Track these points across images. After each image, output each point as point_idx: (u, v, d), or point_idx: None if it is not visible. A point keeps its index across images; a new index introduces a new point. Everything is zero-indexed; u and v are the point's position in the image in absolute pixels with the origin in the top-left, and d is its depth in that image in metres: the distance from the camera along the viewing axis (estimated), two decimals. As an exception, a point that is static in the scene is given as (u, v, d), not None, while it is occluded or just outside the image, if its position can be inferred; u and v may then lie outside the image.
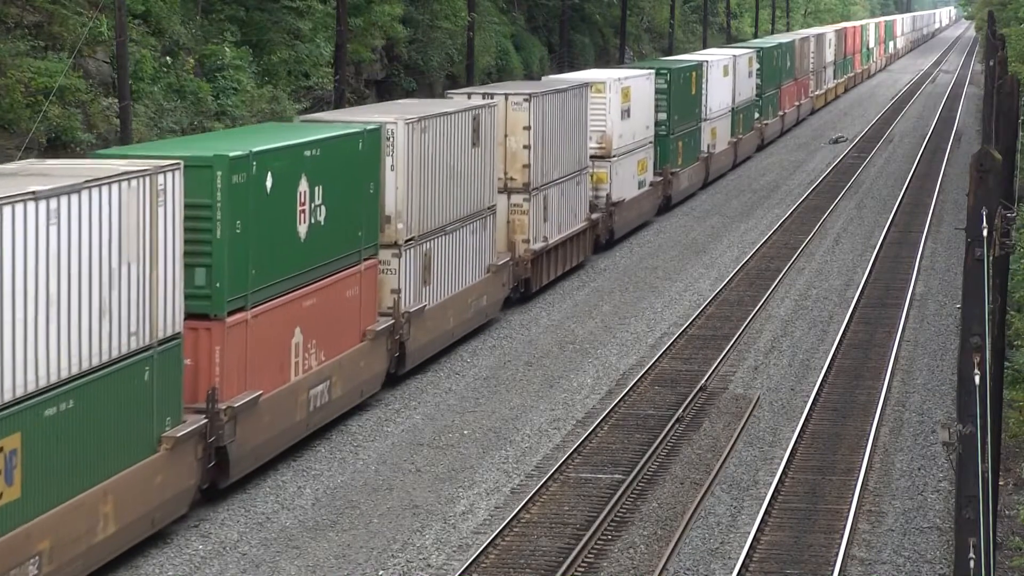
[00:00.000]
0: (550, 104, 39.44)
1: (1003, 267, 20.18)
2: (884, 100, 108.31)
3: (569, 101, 41.50)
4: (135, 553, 21.84)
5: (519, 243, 38.20)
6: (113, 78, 37.59)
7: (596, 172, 45.48)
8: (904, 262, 45.85)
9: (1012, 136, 29.92)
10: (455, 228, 33.14)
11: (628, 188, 48.38)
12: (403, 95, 53.89)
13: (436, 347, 32.68)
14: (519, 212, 38.11)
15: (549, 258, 40.33)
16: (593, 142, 45.12)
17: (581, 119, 42.89)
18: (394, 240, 30.17)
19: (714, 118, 62.45)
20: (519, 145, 37.85)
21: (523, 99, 37.89)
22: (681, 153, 56.12)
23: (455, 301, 33.35)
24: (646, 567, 22.09)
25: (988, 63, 70.94)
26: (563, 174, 40.94)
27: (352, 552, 22.49)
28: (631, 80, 48.41)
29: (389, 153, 29.93)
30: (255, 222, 24.17)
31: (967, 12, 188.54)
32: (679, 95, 55.31)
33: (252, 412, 24.17)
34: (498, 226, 36.82)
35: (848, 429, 28.88)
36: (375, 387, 29.71)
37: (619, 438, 28.09)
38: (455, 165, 32.93)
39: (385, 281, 30.05)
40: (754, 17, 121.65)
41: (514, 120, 37.80)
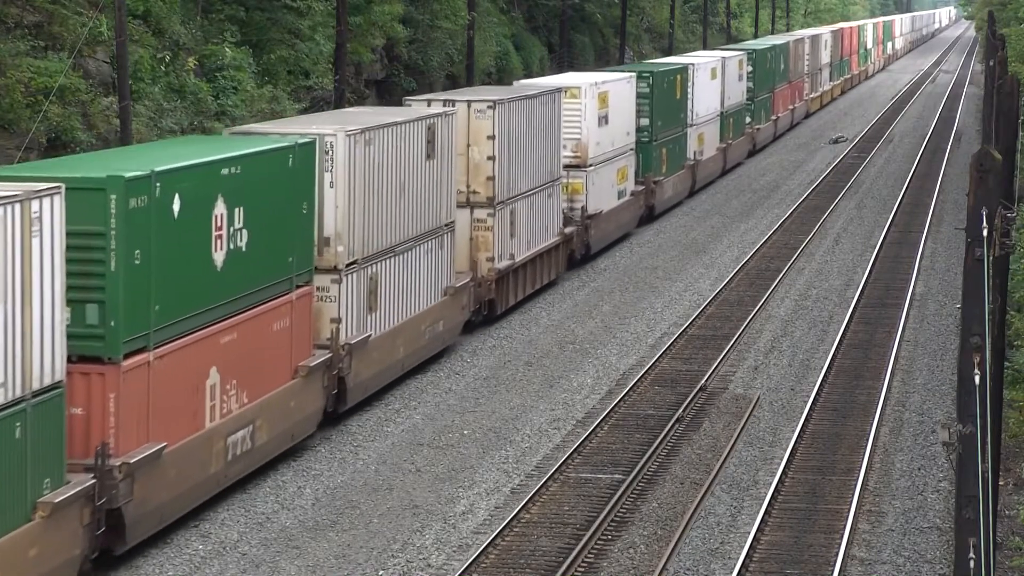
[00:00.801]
0: (517, 111, 36.97)
1: (1003, 267, 20.18)
2: (884, 100, 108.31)
3: (539, 107, 38.93)
4: (135, 553, 21.84)
5: (483, 261, 35.56)
6: (113, 78, 37.60)
7: (571, 183, 42.99)
8: (904, 262, 45.86)
9: (1012, 136, 29.93)
10: (406, 249, 30.58)
11: (606, 199, 45.83)
12: (403, 95, 53.87)
13: (384, 380, 30.10)
14: (483, 228, 35.51)
15: (516, 277, 37.67)
16: (567, 151, 42.75)
17: (553, 127, 40.32)
18: (333, 264, 27.58)
19: (701, 123, 59.89)
20: (483, 156, 35.28)
21: (487, 106, 35.29)
22: (665, 160, 53.61)
23: (406, 329, 30.73)
24: (646, 567, 22.09)
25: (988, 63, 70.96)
26: (533, 186, 38.45)
27: (352, 552, 22.49)
28: (609, 84, 45.99)
29: (328, 168, 27.44)
30: (159, 251, 21.50)
31: (967, 12, 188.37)
32: (663, 99, 52.75)
33: (154, 467, 21.42)
34: (459, 244, 34.46)
35: (848, 429, 28.88)
36: (309, 428, 27.01)
37: (619, 438, 28.09)
38: (406, 180, 30.45)
39: (323, 310, 27.46)
40: (754, 17, 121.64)
41: (477, 129, 35.25)
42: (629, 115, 48.48)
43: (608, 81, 46.12)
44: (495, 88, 46.57)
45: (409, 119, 30.89)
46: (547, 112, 39.70)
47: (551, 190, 40.27)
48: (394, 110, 35.18)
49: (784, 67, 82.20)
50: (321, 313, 27.41)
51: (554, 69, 71.81)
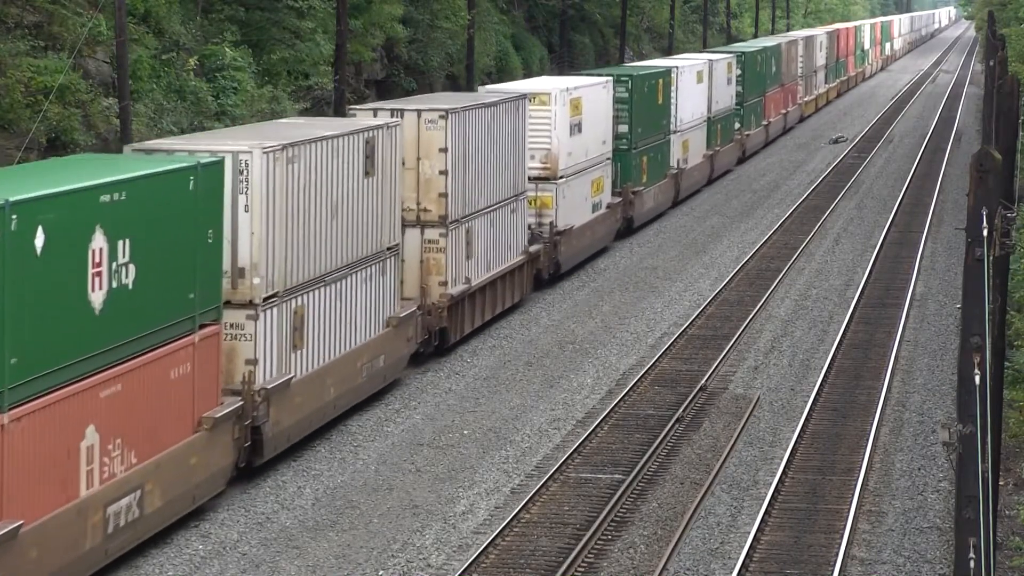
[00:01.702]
0: (475, 120, 34.15)
1: (1003, 267, 20.19)
2: (884, 100, 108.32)
3: (501, 116, 36.07)
4: (135, 553, 21.84)
5: (434, 286, 32.68)
6: (113, 78, 37.62)
7: (539, 196, 40.23)
8: (904, 262, 45.86)
9: (1012, 136, 29.96)
10: (339, 277, 27.67)
11: (579, 213, 42.87)
12: (403, 95, 53.90)
13: (311, 425, 27.03)
14: (434, 249, 32.62)
15: (473, 302, 34.74)
16: (536, 162, 39.98)
17: (517, 136, 37.40)
18: (249, 298, 24.57)
19: (686, 129, 57.10)
20: (434, 170, 32.49)
21: (438, 116, 32.42)
22: (646, 170, 50.75)
23: (339, 367, 27.73)
24: (646, 567, 22.10)
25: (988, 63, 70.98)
26: (493, 202, 35.58)
27: (352, 552, 22.50)
28: (583, 90, 43.05)
29: (243, 190, 24.52)
30: (15, 294, 18.50)
31: (967, 12, 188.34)
32: (643, 105, 49.85)
33: (7, 550, 18.42)
34: (408, 267, 32.21)
35: (848, 429, 28.88)
36: (215, 487, 23.84)
37: (619, 438, 28.10)
38: (339, 200, 27.56)
39: (237, 350, 24.47)
40: (754, 17, 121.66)
41: (428, 141, 32.42)
42: (605, 122, 45.81)
43: (581, 86, 43.38)
44: (452, 95, 43.14)
45: (342, 132, 27.84)
46: (511, 121, 36.95)
47: (515, 205, 37.46)
48: (332, 122, 32.20)
49: (776, 70, 79.46)
50: (234, 354, 24.46)
51: (554, 69, 71.85)
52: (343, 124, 29.47)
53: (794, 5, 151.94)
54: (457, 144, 32.97)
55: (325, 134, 27.13)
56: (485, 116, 34.95)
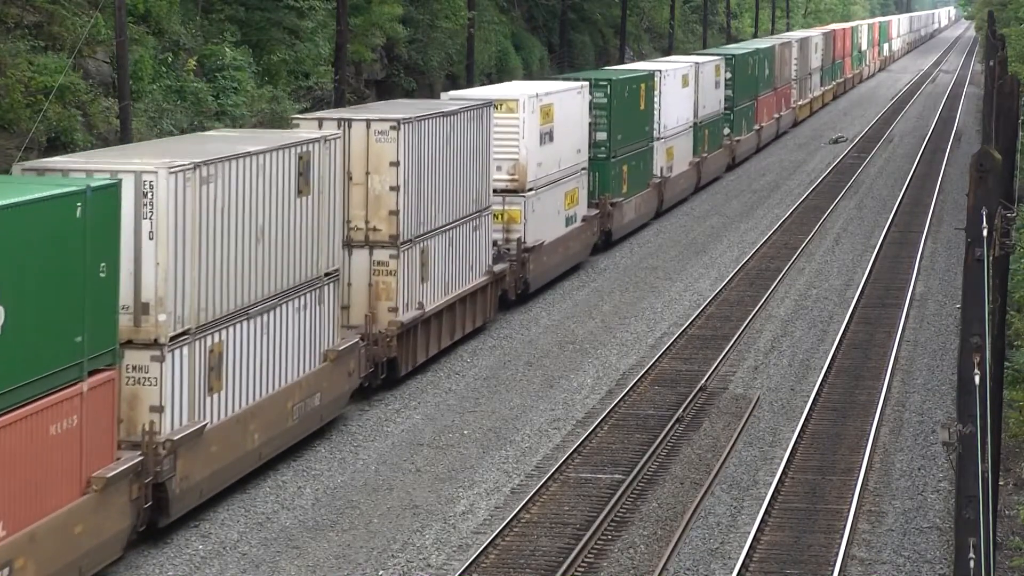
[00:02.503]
0: (430, 131, 31.67)
1: (1003, 267, 20.19)
2: (884, 100, 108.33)
3: (462, 125, 33.57)
4: (135, 553, 21.84)
5: (383, 313, 30.08)
6: (113, 78, 37.63)
7: (507, 210, 37.73)
8: (904, 262, 45.86)
9: (1012, 136, 29.96)
10: (266, 308, 24.95)
11: (550, 227, 40.27)
12: (403, 95, 53.95)
13: (229, 477, 24.21)
14: (384, 272, 30.10)
15: (427, 329, 32.11)
16: (503, 173, 37.60)
17: (481, 147, 34.82)
18: (154, 337, 21.87)
19: (671, 136, 54.32)
20: (385, 186, 29.94)
21: (389, 126, 29.94)
22: (626, 179, 48.10)
23: (264, 410, 24.96)
24: (646, 567, 22.10)
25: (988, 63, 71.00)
26: (452, 219, 33.12)
27: (352, 552, 22.50)
28: (555, 96, 40.41)
29: (147, 215, 21.83)
30: None
31: (967, 12, 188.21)
32: (623, 111, 47.21)
33: None
34: (355, 292, 29.90)
35: (848, 429, 28.89)
36: (108, 555, 21.07)
37: (619, 438, 28.10)
38: (267, 223, 24.86)
39: (139, 397, 21.79)
40: (754, 17, 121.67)
41: (378, 153, 29.91)
42: (580, 130, 43.23)
43: (553, 92, 40.65)
44: (410, 103, 40.22)
45: (269, 148, 24.96)
46: (473, 130, 34.36)
47: (477, 222, 34.85)
48: (263, 135, 28.48)
49: (769, 72, 76.70)
50: (137, 401, 21.79)
51: (554, 69, 71.85)
52: (273, 138, 26.54)
53: (794, 5, 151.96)
54: (411, 157, 30.53)
55: (248, 150, 24.34)
56: (443, 126, 32.49)
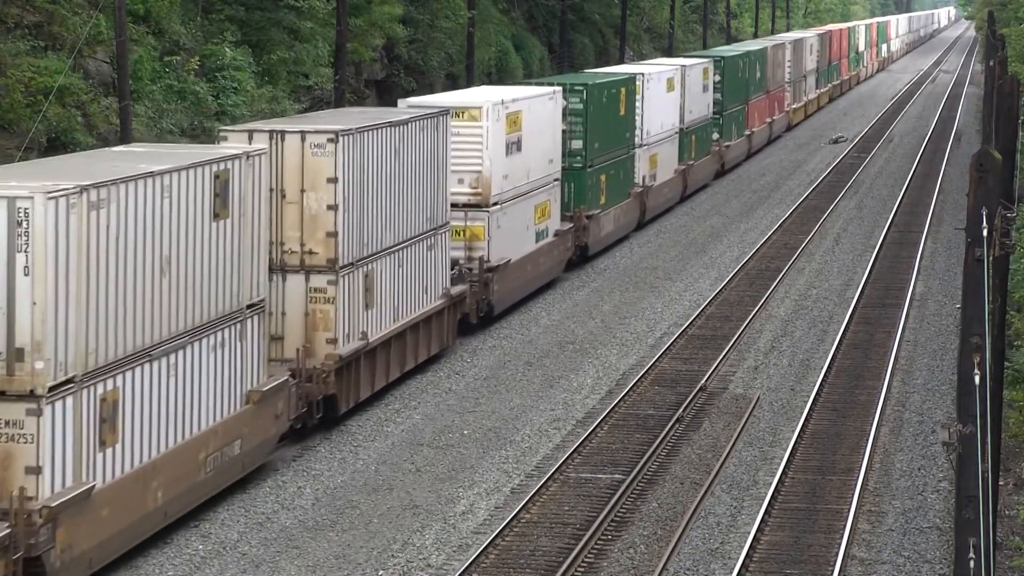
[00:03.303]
0: (376, 143, 29.01)
1: (1003, 267, 20.19)
2: (884, 100, 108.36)
3: (414, 135, 30.89)
4: (135, 553, 21.85)
5: (320, 345, 27.30)
6: (113, 78, 37.67)
7: (469, 227, 35.07)
8: (904, 262, 45.87)
9: (1012, 136, 29.94)
10: (173, 348, 22.03)
11: (518, 243, 37.48)
12: (403, 95, 53.94)
13: (129, 541, 21.42)
14: (321, 300, 27.29)
15: (372, 361, 29.25)
16: (465, 186, 35.00)
17: (437, 159, 32.21)
18: (30, 388, 19.17)
19: (654, 143, 51.56)
20: (321, 205, 27.22)
21: (326, 139, 27.22)
22: (604, 189, 45.39)
23: (171, 463, 22.07)
24: (646, 567, 22.10)
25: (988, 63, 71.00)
26: (403, 238, 30.43)
27: (352, 552, 22.50)
28: (523, 102, 37.77)
29: (22, 247, 19.19)
30: None
31: (967, 12, 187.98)
32: (601, 117, 44.54)
33: None
34: (290, 323, 27.17)
35: (848, 429, 28.89)
36: None
37: (619, 438, 28.10)
38: (175, 252, 21.98)
39: (13, 456, 19.12)
40: (754, 17, 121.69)
41: (315, 169, 27.20)
42: (553, 138, 40.62)
43: (522, 98, 37.95)
44: (357, 112, 36.67)
45: (177, 167, 22.10)
46: (428, 140, 31.66)
47: (432, 240, 32.10)
48: (177, 152, 25.44)
49: (761, 75, 73.94)
50: (9, 461, 19.14)
51: (554, 69, 71.88)
52: (186, 156, 23.49)
53: (794, 5, 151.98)
54: (352, 172, 27.88)
55: (151, 170, 21.57)
56: (391, 137, 29.76)
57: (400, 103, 36.42)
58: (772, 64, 77.19)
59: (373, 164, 28.90)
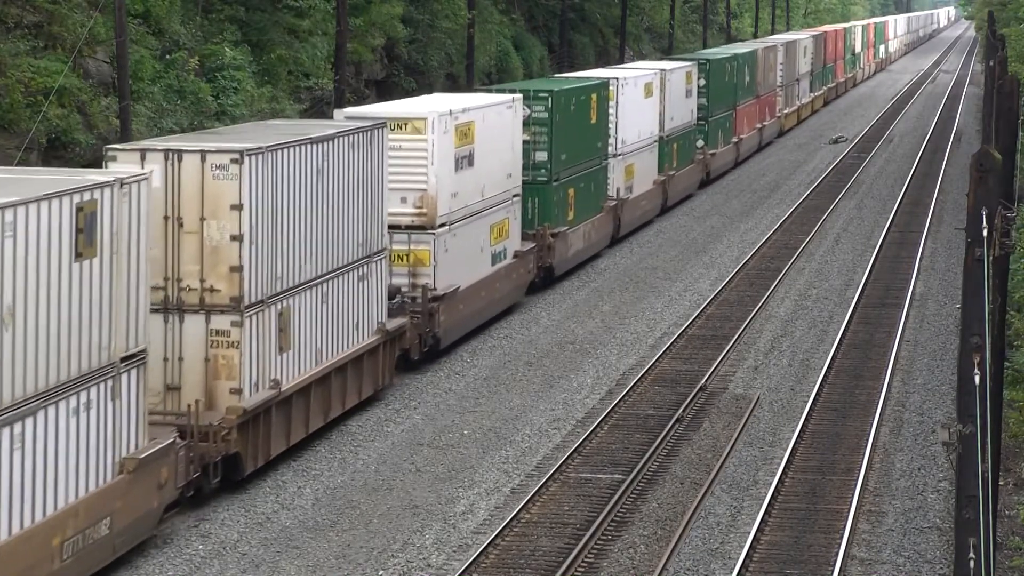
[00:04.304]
0: (292, 162, 25.70)
1: (1003, 267, 20.19)
2: (884, 101, 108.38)
3: (340, 152, 27.63)
4: (135, 553, 21.85)
5: (223, 396, 24.12)
6: (113, 78, 37.67)
7: (413, 251, 31.92)
8: (904, 262, 45.88)
9: (1012, 136, 29.94)
10: (17, 417, 18.67)
11: (470, 268, 34.27)
12: (403, 95, 53.94)
13: None
14: (224, 344, 24.15)
15: (286, 411, 25.79)
16: (408, 206, 31.82)
17: (371, 177, 29.01)
18: None
19: (631, 152, 48.56)
20: (224, 235, 24.04)
21: (230, 159, 24.01)
22: (573, 204, 42.25)
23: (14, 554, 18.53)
24: (646, 567, 22.10)
25: (988, 63, 70.99)
26: (327, 269, 27.24)
27: (352, 552, 22.50)
28: (476, 112, 34.51)
29: None
30: None
31: (967, 12, 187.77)
32: (568, 125, 41.43)
33: None
34: (189, 370, 23.92)
35: (848, 429, 28.89)
36: None
37: (619, 438, 28.10)
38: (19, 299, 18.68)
39: None
40: (754, 17, 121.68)
41: (216, 194, 24.02)
42: (512, 150, 37.28)
43: (474, 108, 34.60)
44: (275, 126, 31.54)
45: (25, 199, 18.74)
46: (359, 157, 28.47)
47: (365, 269, 28.88)
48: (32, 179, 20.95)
49: (750, 79, 71.11)
50: None
51: (554, 69, 71.87)
52: (41, 184, 19.94)
53: (794, 5, 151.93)
54: (262, 196, 24.63)
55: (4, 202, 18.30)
56: (312, 154, 26.53)
57: (337, 114, 33.40)
58: (763, 67, 74.45)
59: (290, 186, 25.63)
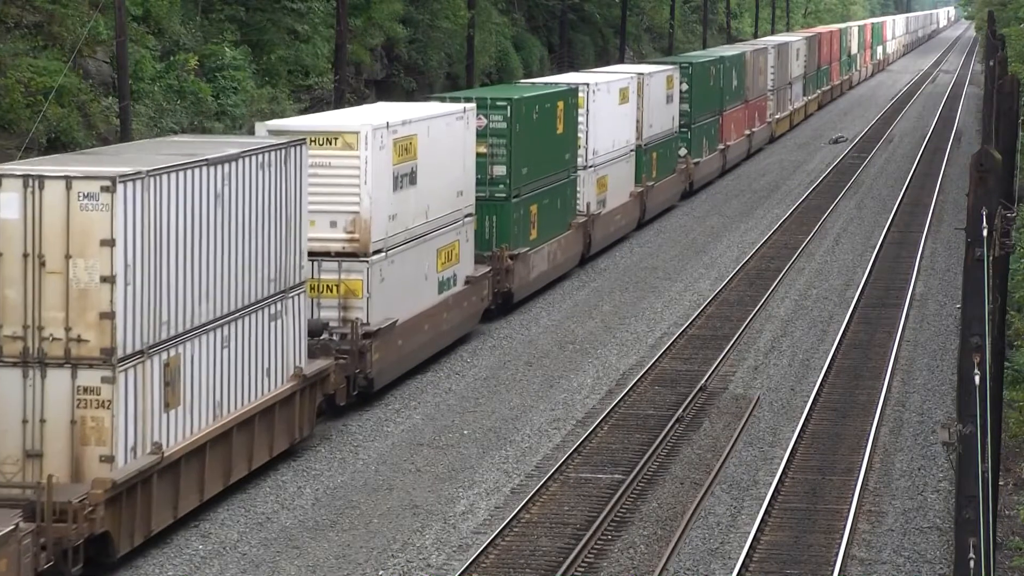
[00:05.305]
0: (182, 187, 22.15)
1: (1003, 267, 20.19)
2: (884, 101, 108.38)
3: (247, 174, 23.99)
4: (135, 553, 21.84)
5: (91, 465, 20.73)
6: (113, 78, 37.68)
7: (344, 281, 28.53)
8: (904, 262, 45.87)
9: (1012, 136, 29.93)
10: None
11: (412, 298, 30.89)
12: (403, 95, 53.98)
13: None
14: (93, 404, 20.71)
15: (172, 478, 22.33)
16: (338, 231, 28.57)
17: (287, 202, 25.48)
18: None
19: (603, 163, 45.09)
20: (93, 276, 20.66)
21: (100, 187, 20.61)
22: (536, 222, 38.75)
23: None
24: (646, 567, 22.10)
25: (988, 63, 70.96)
26: (229, 310, 23.64)
27: (352, 552, 22.50)
28: (419, 124, 31.06)
29: None
30: None
31: (967, 12, 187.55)
32: (531, 136, 38.02)
33: None
34: (52, 434, 20.61)
35: (848, 429, 28.89)
36: None
37: (619, 438, 28.10)
38: None
39: None
40: (754, 17, 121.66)
41: (83, 228, 20.64)
42: (463, 165, 33.95)
43: (417, 120, 31.14)
44: (171, 143, 27.41)
45: None
46: (270, 179, 24.87)
47: (279, 307, 25.35)
48: None
49: (738, 83, 67.83)
50: None
51: (554, 69, 71.84)
52: None
53: (794, 5, 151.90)
54: (141, 229, 21.18)
55: None
56: (207, 178, 22.86)
57: (259, 127, 29.56)
58: (752, 70, 71.20)
59: (179, 216, 22.11)
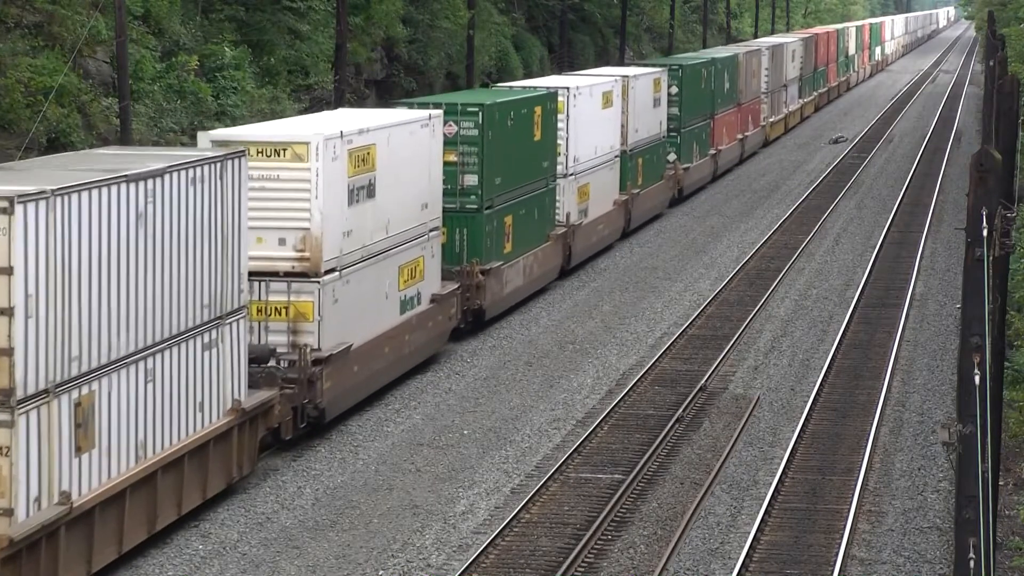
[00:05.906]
0: (94, 208, 19.95)
1: (1003, 267, 20.19)
2: (884, 101, 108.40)
3: (175, 191, 21.91)
4: (135, 553, 21.85)
5: None
6: (113, 78, 37.68)
7: (293, 303, 26.37)
8: (904, 262, 45.88)
9: (1012, 136, 29.93)
10: None
11: (370, 320, 28.80)
12: (403, 95, 53.97)
13: None
14: None
15: (86, 530, 20.14)
16: (287, 249, 26.45)
17: (223, 220, 23.39)
18: None
19: (585, 171, 42.99)
20: None
21: None
22: (510, 234, 36.74)
23: None
24: (646, 567, 22.10)
25: (988, 63, 70.96)
26: (154, 341, 21.56)
27: (352, 552, 22.50)
28: (378, 133, 28.99)
29: None
30: None
31: (967, 12, 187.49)
32: (505, 144, 35.98)
33: None
34: None
35: (848, 429, 28.89)
36: None
37: (619, 438, 28.10)
38: None
39: None
40: (754, 17, 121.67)
41: None
42: (429, 176, 31.77)
43: (375, 128, 29.00)
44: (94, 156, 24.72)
45: None
46: (202, 196, 22.77)
47: (213, 335, 23.26)
48: None
49: (730, 86, 65.74)
50: None
51: (554, 69, 71.83)
52: None
53: (794, 5, 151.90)
54: (45, 255, 18.98)
55: None
56: (126, 196, 20.71)
57: (201, 138, 27.24)
58: (745, 73, 69.09)
59: (93, 239, 19.96)
